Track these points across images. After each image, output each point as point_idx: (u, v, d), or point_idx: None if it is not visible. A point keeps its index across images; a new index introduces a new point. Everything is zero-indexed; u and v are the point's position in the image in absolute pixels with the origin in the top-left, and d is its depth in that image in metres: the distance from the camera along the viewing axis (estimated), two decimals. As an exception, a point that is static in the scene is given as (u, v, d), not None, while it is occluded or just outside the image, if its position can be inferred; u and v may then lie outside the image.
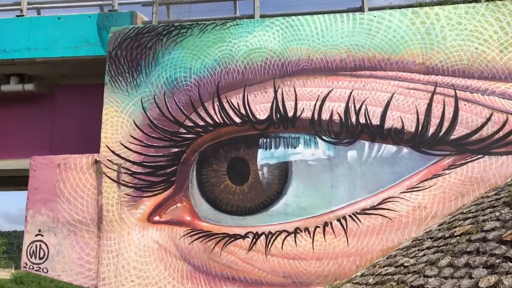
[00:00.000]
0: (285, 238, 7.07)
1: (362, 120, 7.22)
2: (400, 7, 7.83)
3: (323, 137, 7.30)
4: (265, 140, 7.42)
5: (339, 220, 7.03)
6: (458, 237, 5.38)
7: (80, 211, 7.61)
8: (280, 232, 7.10)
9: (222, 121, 7.48)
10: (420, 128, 7.11)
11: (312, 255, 6.99)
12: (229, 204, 7.34)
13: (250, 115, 7.45)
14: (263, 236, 7.13)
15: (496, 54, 7.25)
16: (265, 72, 7.58)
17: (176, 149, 7.52)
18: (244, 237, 7.18)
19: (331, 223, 7.03)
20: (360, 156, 7.20)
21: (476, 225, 5.39)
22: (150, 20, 8.53)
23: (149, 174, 7.53)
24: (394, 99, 7.24)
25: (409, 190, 6.99)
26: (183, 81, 7.74)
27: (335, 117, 7.28)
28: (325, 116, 7.30)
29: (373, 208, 7.01)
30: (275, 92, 7.47)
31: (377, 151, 7.18)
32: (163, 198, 7.46)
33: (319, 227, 7.05)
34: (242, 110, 7.48)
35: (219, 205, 7.36)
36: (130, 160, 7.61)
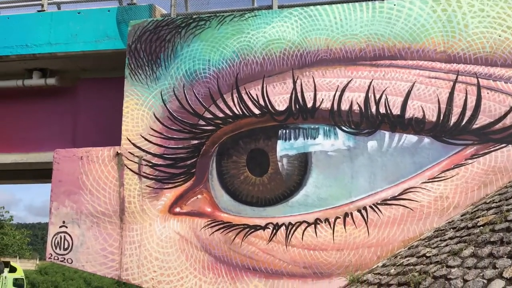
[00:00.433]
0: (305, 229, 7.08)
1: (382, 110, 7.15)
2: (421, -5, 7.70)
3: (343, 128, 7.25)
4: (285, 131, 7.41)
5: (360, 211, 7.00)
6: (482, 227, 5.31)
7: (103, 203, 7.74)
8: (300, 223, 7.11)
9: (241, 113, 7.50)
10: (442, 118, 7.01)
11: (333, 246, 6.99)
12: (249, 195, 7.37)
13: (269, 106, 7.44)
14: (283, 227, 7.15)
15: (520, 41, 7.10)
16: (284, 63, 7.56)
17: (196, 141, 7.57)
18: (265, 228, 7.21)
19: (352, 214, 7.01)
20: (381, 146, 7.15)
21: (500, 215, 5.32)
22: (169, 13, 8.55)
23: (170, 166, 7.60)
24: (415, 88, 7.14)
25: (431, 180, 6.91)
26: (202, 73, 7.76)
27: (355, 107, 7.23)
28: (345, 107, 7.25)
29: (394, 199, 6.95)
30: (294, 83, 7.44)
31: (398, 141, 7.11)
32: (184, 190, 7.54)
33: (340, 218, 7.03)
34: (261, 102, 7.48)
35: (239, 196, 7.40)
36: (151, 152, 7.69)
